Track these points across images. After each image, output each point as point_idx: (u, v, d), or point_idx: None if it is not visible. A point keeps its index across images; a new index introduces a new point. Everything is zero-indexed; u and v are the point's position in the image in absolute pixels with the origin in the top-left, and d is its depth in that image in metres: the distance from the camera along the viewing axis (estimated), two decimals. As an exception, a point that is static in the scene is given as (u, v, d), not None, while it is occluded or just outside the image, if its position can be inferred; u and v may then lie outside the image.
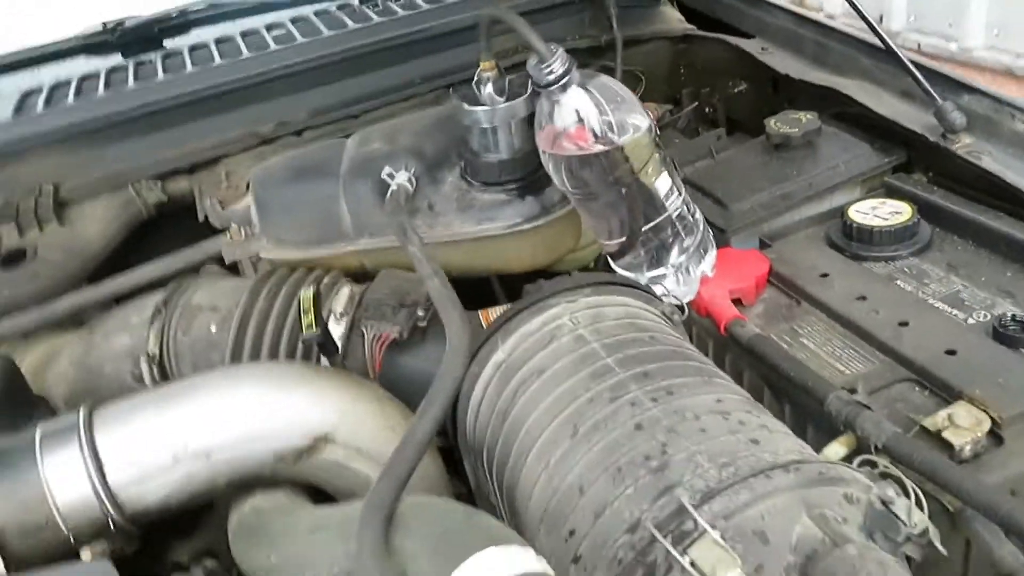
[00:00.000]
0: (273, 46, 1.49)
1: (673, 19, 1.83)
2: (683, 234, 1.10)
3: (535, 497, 0.86)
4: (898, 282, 1.14)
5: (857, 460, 0.79)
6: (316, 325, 0.97)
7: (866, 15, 1.35)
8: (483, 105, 1.07)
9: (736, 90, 1.78)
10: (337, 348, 1.01)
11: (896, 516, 0.72)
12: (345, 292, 1.10)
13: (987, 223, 1.18)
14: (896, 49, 1.34)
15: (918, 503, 0.73)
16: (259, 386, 0.85)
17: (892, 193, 1.31)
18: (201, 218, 1.31)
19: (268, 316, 1.08)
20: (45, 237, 1.26)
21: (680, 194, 1.08)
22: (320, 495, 0.92)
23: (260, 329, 1.07)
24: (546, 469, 0.86)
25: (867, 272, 1.17)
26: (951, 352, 0.98)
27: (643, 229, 1.07)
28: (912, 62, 1.34)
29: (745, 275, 1.19)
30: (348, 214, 1.15)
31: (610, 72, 1.43)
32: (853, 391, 0.91)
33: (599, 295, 1.02)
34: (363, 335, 1.04)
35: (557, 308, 1.00)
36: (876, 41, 1.45)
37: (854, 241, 1.22)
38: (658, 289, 1.11)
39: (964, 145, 1.27)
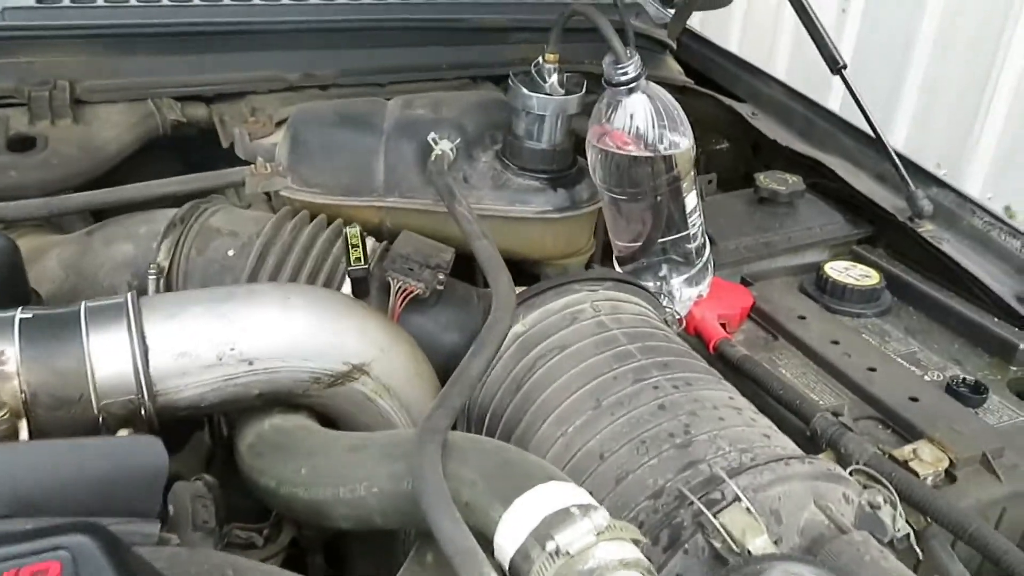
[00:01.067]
0: (312, -1, 1.51)
1: (674, 69, 1.95)
2: (694, 253, 1.19)
3: (549, 459, 0.91)
4: (864, 335, 1.26)
5: (849, 469, 0.88)
6: (365, 260, 0.99)
7: (863, 104, 1.50)
8: (540, 92, 1.13)
9: (718, 147, 1.91)
10: (368, 291, 1.03)
11: (881, 520, 0.81)
12: (370, 243, 1.12)
13: (942, 300, 1.32)
14: (883, 138, 1.49)
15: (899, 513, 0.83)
16: (311, 306, 0.86)
17: (859, 260, 1.45)
18: (226, 144, 1.30)
19: (290, 250, 1.08)
20: (57, 131, 1.22)
21: (700, 216, 1.17)
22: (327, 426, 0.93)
23: (280, 261, 1.08)
24: (564, 435, 0.91)
25: (839, 321, 1.29)
26: (914, 399, 1.10)
27: (663, 239, 1.15)
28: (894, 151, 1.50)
29: (733, 304, 1.28)
30: (384, 169, 1.18)
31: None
32: (838, 414, 1.01)
33: (617, 291, 1.09)
34: (388, 286, 1.06)
35: (579, 295, 1.06)
36: (860, 125, 1.62)
37: (827, 294, 1.34)
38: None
39: (928, 230, 1.43)
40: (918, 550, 0.82)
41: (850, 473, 0.88)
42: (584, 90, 1.16)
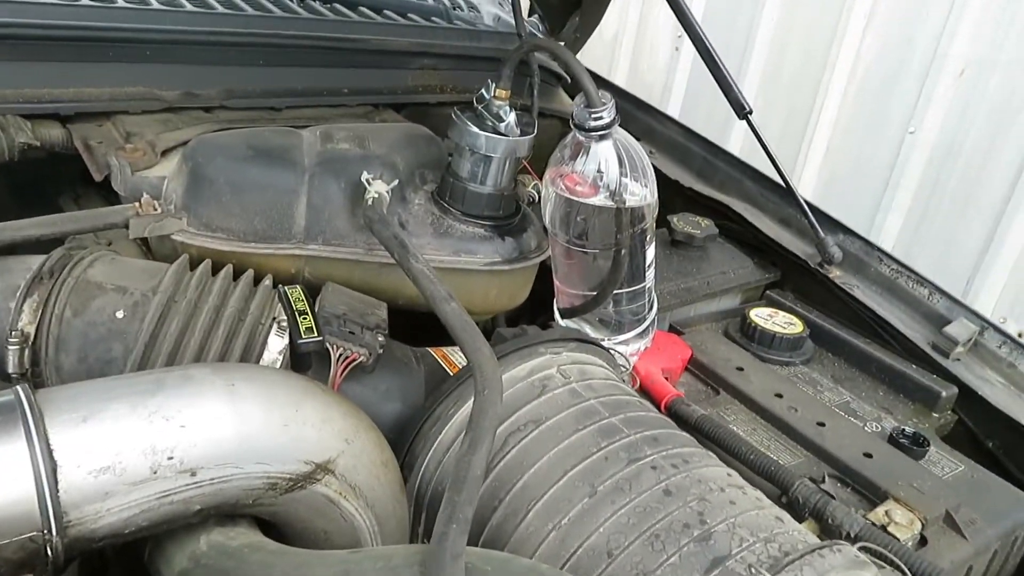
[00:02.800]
0: (189, 6, 1.29)
1: (566, 103, 1.89)
2: (647, 306, 1.12)
3: (542, 556, 0.79)
4: (800, 386, 1.25)
5: (857, 546, 0.83)
6: (317, 331, 0.82)
7: (770, 150, 1.51)
8: (489, 131, 1.02)
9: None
10: (311, 364, 0.86)
11: (899, 603, 0.77)
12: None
13: (861, 347, 1.34)
14: (792, 184, 1.51)
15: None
16: (262, 393, 0.69)
17: (775, 306, 1.45)
18: (99, 177, 1.06)
19: (197, 310, 0.89)
20: None
21: (655, 268, 1.10)
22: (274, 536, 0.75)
23: (185, 324, 0.88)
24: (558, 529, 0.79)
25: (774, 372, 1.27)
26: (868, 455, 1.08)
27: (620, 291, 1.07)
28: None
29: (673, 357, 1.23)
30: (305, 212, 1.01)
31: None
32: (819, 481, 0.96)
33: (580, 352, 0.99)
34: (327, 352, 0.89)
35: (543, 358, 0.95)
36: (760, 167, 1.64)
37: (755, 343, 1.32)
38: (609, 356, 1.11)
39: (837, 276, 1.46)
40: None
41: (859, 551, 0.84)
42: (535, 131, 1.06)
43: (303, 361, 0.85)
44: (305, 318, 0.83)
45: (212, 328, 0.89)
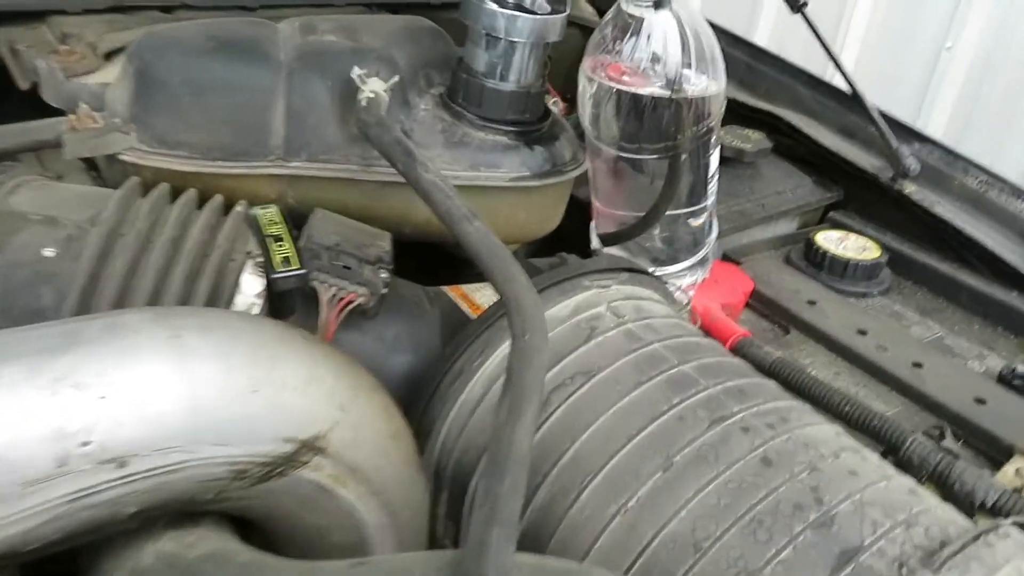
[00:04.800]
0: None
1: (587, 11, 1.66)
2: (706, 230, 0.92)
3: (605, 548, 0.60)
4: (883, 320, 1.06)
5: (1009, 521, 0.64)
6: (298, 262, 0.62)
7: (833, 53, 1.29)
8: (511, 9, 0.80)
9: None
10: (294, 307, 0.66)
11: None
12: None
13: (948, 273, 1.15)
14: (858, 90, 1.29)
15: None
16: (222, 346, 0.49)
17: (841, 228, 1.24)
18: (24, 84, 0.85)
19: (148, 244, 0.69)
20: None
21: (716, 182, 0.90)
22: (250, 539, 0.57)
23: (132, 263, 0.68)
24: (624, 512, 0.61)
25: (852, 305, 1.07)
26: (980, 401, 0.90)
27: (677, 212, 0.87)
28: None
29: (734, 290, 1.04)
30: (284, 120, 0.80)
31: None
32: (938, 436, 0.78)
33: (632, 285, 0.80)
34: (311, 293, 0.70)
35: (589, 293, 0.76)
36: (814, 71, 1.42)
37: (824, 271, 1.13)
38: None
39: (912, 192, 1.25)
40: None
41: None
42: (568, 8, 0.84)
43: (285, 305, 0.66)
44: (281, 245, 0.64)
45: (168, 267, 0.69)
